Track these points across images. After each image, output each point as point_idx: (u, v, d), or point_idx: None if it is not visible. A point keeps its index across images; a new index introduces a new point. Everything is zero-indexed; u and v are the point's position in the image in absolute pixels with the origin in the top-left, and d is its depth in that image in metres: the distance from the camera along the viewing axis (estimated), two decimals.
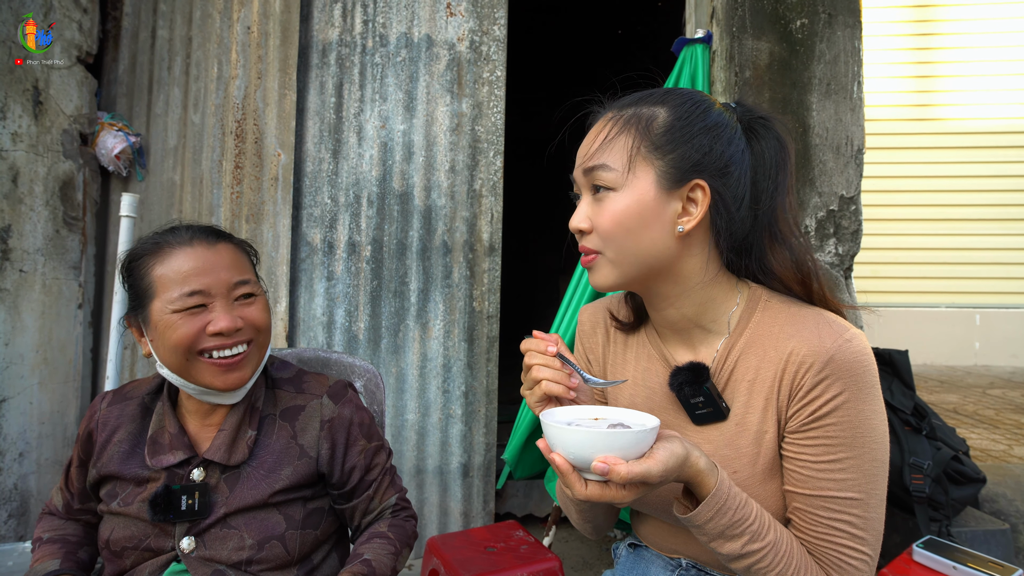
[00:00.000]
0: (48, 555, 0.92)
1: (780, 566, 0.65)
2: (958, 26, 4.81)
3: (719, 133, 0.71)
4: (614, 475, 0.56)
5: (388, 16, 2.21)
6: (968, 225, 4.74)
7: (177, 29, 2.29)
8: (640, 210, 0.70)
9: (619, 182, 0.70)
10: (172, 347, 0.85)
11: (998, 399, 3.55)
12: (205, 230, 0.92)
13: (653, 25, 4.45)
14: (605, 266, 0.73)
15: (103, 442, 0.93)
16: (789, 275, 0.74)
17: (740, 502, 0.64)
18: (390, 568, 0.92)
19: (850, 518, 0.67)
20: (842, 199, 1.88)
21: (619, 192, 0.71)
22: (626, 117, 0.72)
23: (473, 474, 2.18)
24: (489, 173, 2.21)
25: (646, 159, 0.70)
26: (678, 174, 0.70)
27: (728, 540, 0.64)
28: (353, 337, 2.17)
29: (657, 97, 0.74)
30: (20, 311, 2.06)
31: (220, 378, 0.87)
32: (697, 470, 0.62)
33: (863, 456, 0.67)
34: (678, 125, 0.71)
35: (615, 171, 0.71)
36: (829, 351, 0.68)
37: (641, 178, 0.70)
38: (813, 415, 0.68)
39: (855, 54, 1.91)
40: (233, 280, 0.89)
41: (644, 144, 0.70)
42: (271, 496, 0.89)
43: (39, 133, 2.11)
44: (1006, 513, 1.93)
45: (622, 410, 0.68)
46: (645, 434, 0.59)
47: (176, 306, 0.85)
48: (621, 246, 0.71)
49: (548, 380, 0.69)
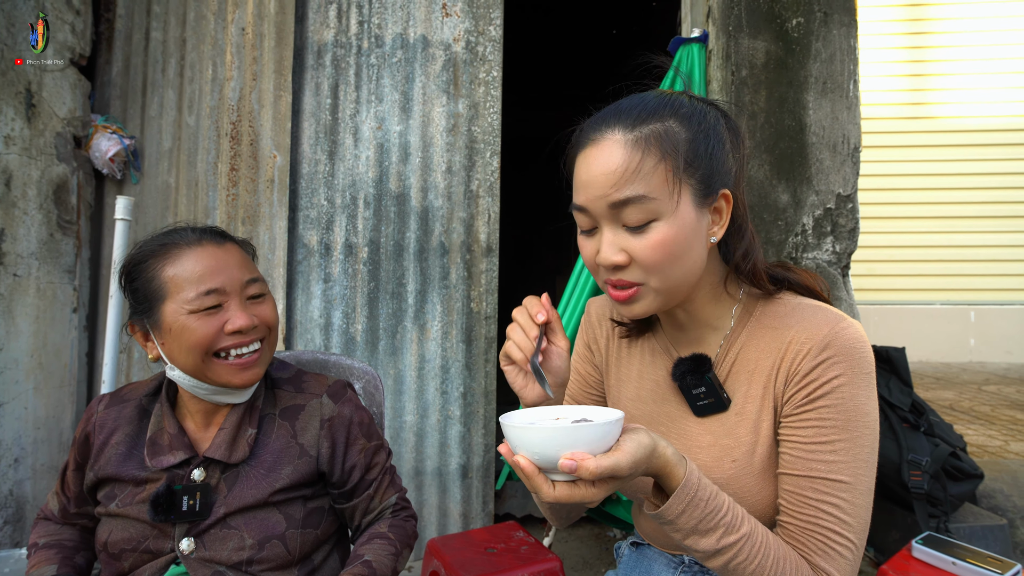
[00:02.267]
0: (45, 560, 0.92)
1: (759, 558, 0.64)
2: (952, 24, 4.84)
3: (721, 136, 0.71)
4: (582, 471, 0.54)
5: (383, 17, 2.21)
6: (962, 222, 4.77)
7: (171, 31, 2.28)
8: (686, 234, 0.68)
9: (661, 211, 0.66)
10: (190, 348, 0.85)
11: (994, 395, 3.57)
12: (211, 231, 0.93)
13: (648, 24, 4.46)
14: (649, 296, 0.70)
15: (100, 444, 0.92)
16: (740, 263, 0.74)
17: (711, 493, 0.63)
18: (391, 569, 0.92)
19: (838, 501, 0.67)
20: (839, 197, 1.89)
21: (662, 221, 0.67)
22: (647, 139, 0.67)
23: (472, 475, 2.17)
24: (486, 174, 2.21)
25: (680, 180, 0.67)
26: (708, 188, 0.69)
27: (703, 535, 0.63)
28: (351, 339, 2.16)
29: (662, 110, 0.70)
30: (14, 316, 2.05)
31: (238, 376, 0.87)
32: (665, 460, 0.61)
33: (855, 440, 0.67)
34: (699, 139, 0.69)
35: (655, 200, 0.66)
36: (827, 336, 0.68)
37: (680, 202, 0.67)
38: (808, 396, 0.69)
39: (851, 52, 1.91)
40: (245, 279, 0.90)
41: (678, 166, 0.67)
42: (271, 495, 0.89)
43: (32, 136, 2.10)
44: (1004, 508, 1.94)
45: (582, 407, 0.67)
46: (610, 426, 0.57)
47: (193, 306, 0.85)
48: (669, 274, 0.68)
49: (514, 343, 0.70)
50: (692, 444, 0.77)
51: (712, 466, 0.74)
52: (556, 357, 0.74)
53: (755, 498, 0.72)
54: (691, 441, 0.77)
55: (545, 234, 4.54)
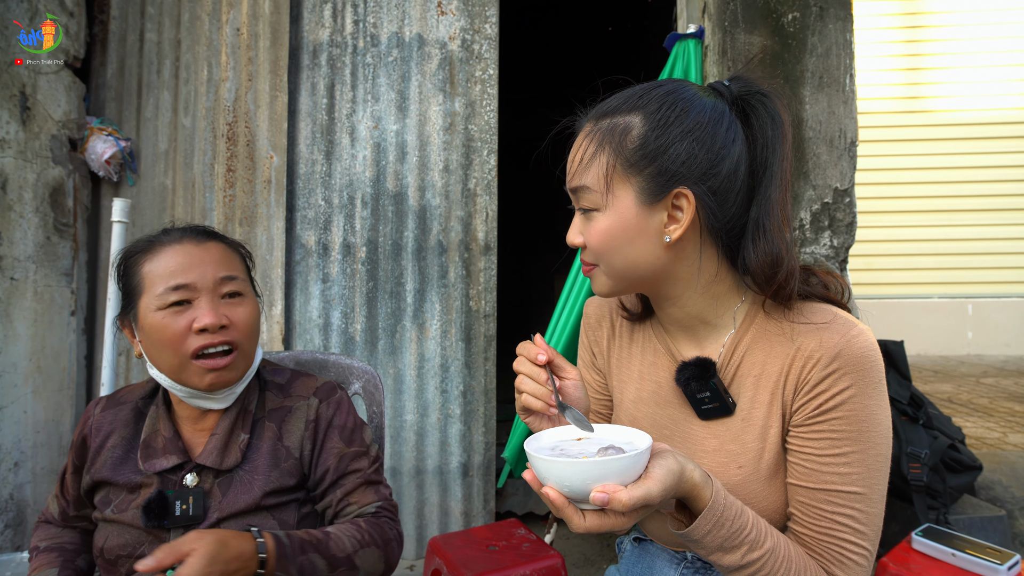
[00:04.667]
0: (46, 564, 0.92)
1: (781, 571, 0.64)
2: (948, 18, 4.84)
3: (700, 134, 0.68)
4: (615, 503, 0.53)
5: (379, 16, 2.20)
6: (960, 216, 4.78)
7: (165, 32, 2.27)
8: (623, 228, 0.70)
9: (600, 203, 0.70)
10: (162, 347, 0.84)
11: (991, 388, 3.58)
12: (196, 229, 0.92)
13: (644, 21, 4.45)
14: (601, 276, 0.75)
15: (97, 447, 0.92)
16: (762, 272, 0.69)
17: (736, 511, 0.63)
18: (349, 551, 0.85)
19: (853, 512, 0.66)
20: (836, 191, 1.89)
21: (602, 212, 0.71)
22: (602, 132, 0.71)
23: (473, 473, 2.17)
24: (483, 172, 2.21)
25: (623, 177, 0.69)
26: (657, 188, 0.68)
27: (727, 552, 0.63)
28: (350, 339, 2.16)
29: (632, 102, 0.71)
30: (12, 319, 2.04)
31: (204, 378, 0.85)
32: (693, 483, 0.60)
33: (868, 451, 0.66)
34: (652, 136, 0.68)
35: (595, 192, 0.70)
36: (837, 345, 0.67)
37: (620, 197, 0.69)
38: (819, 408, 0.68)
39: (847, 47, 1.91)
40: (219, 275, 0.87)
41: (619, 162, 0.69)
42: (262, 498, 0.88)
43: (27, 139, 2.09)
44: (1002, 500, 1.95)
45: (605, 427, 0.66)
46: (640, 456, 0.56)
47: (159, 302, 0.84)
48: (611, 261, 0.72)
49: (528, 394, 0.68)
50: (697, 448, 0.76)
51: (718, 471, 0.73)
52: (573, 389, 0.72)
53: (762, 504, 0.71)
54: (696, 445, 0.76)
55: (545, 233, 4.54)
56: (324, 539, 0.85)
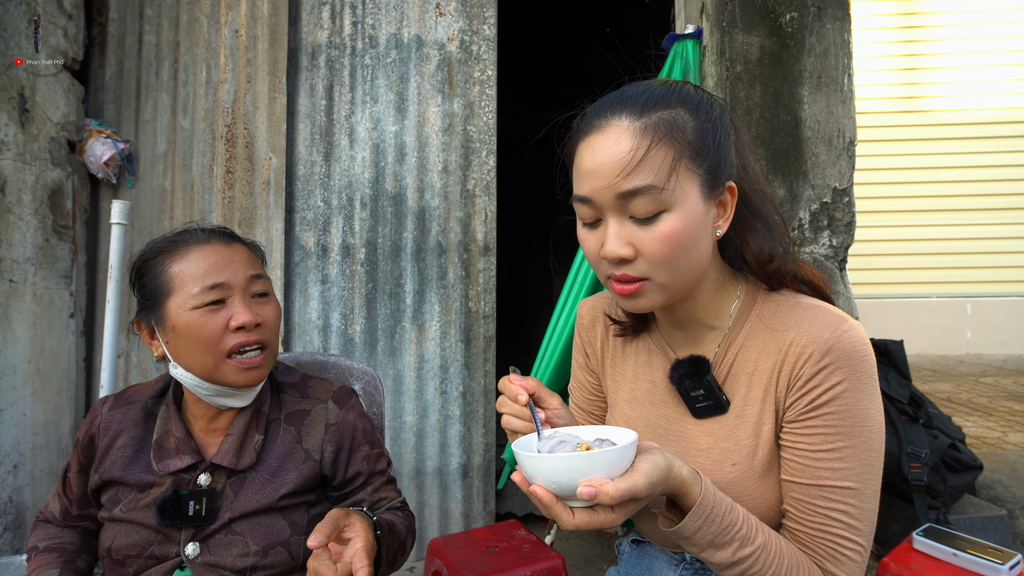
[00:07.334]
0: (46, 564, 0.91)
1: (773, 567, 0.64)
2: (946, 17, 4.85)
3: (727, 128, 0.70)
4: (602, 496, 0.54)
5: (377, 17, 2.20)
6: (959, 215, 4.78)
7: (164, 34, 2.27)
8: (694, 226, 0.66)
9: (672, 201, 0.64)
10: (197, 346, 0.85)
11: (991, 387, 3.58)
12: (220, 230, 0.93)
13: (642, 22, 4.46)
14: (654, 291, 0.68)
15: (105, 447, 0.92)
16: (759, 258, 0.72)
17: (726, 507, 0.63)
18: (404, 535, 0.93)
19: (847, 507, 0.66)
20: (835, 191, 1.89)
21: (673, 212, 0.64)
22: (655, 125, 0.64)
23: (473, 474, 2.17)
24: (482, 173, 2.21)
25: (689, 170, 0.65)
26: (715, 180, 0.67)
27: (718, 549, 0.63)
28: (349, 340, 2.16)
29: (669, 98, 0.67)
30: (11, 322, 2.04)
31: (243, 375, 0.87)
32: (681, 480, 0.61)
33: (861, 445, 0.67)
34: (707, 128, 0.67)
35: (661, 191, 0.63)
36: (828, 340, 0.67)
37: (689, 192, 0.65)
38: (812, 404, 0.68)
39: (845, 47, 1.92)
40: (249, 274, 0.89)
41: (686, 155, 0.65)
42: (278, 500, 0.89)
43: (26, 141, 2.09)
44: (1003, 499, 1.95)
45: (588, 427, 0.67)
46: (626, 449, 0.56)
47: (196, 301, 0.85)
48: (676, 267, 0.66)
49: (508, 415, 0.70)
50: (691, 447, 0.76)
51: (712, 469, 0.73)
52: (557, 419, 0.73)
53: (756, 501, 0.71)
54: (689, 444, 0.76)
55: (544, 233, 4.53)
56: (394, 523, 0.91)
